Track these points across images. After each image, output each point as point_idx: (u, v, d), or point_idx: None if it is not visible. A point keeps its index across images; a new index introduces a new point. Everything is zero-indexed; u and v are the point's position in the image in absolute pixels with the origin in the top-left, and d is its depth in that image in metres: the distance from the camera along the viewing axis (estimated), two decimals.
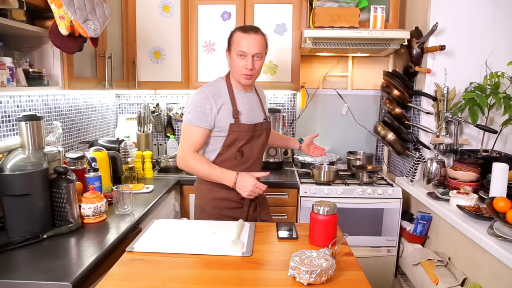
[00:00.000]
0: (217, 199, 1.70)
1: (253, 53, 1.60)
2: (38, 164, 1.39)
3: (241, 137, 1.66)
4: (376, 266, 2.34)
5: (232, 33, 1.67)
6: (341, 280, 1.08)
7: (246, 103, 1.70)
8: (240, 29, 1.64)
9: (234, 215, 1.69)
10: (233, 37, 1.65)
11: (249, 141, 1.69)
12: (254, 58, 1.61)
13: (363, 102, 2.83)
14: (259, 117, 1.74)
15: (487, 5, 2.12)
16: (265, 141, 1.78)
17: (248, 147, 1.70)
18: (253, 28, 1.64)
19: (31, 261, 1.20)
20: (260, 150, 1.76)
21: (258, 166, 1.79)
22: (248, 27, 1.64)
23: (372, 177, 2.37)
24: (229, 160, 1.68)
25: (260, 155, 1.78)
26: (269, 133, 1.81)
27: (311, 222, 1.33)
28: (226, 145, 1.66)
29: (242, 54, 1.60)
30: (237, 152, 1.67)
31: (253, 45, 1.60)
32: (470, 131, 2.21)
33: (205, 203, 1.73)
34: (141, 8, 2.44)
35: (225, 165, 1.67)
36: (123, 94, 2.95)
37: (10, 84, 1.45)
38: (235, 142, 1.66)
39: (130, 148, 2.30)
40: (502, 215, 1.49)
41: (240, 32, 1.62)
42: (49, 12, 1.49)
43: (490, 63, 2.12)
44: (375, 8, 2.32)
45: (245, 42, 1.59)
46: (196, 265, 1.16)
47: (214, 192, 1.70)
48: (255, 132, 1.70)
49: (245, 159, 1.71)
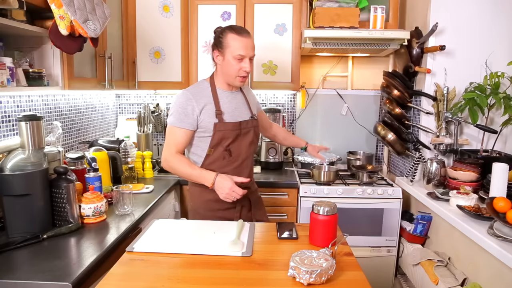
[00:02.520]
0: (209, 201, 1.69)
1: (251, 56, 1.63)
2: (38, 164, 1.39)
3: (226, 135, 1.66)
4: (376, 266, 2.34)
5: (224, 34, 1.63)
6: (341, 280, 1.08)
7: (229, 102, 1.70)
8: (233, 31, 1.61)
9: (228, 216, 1.69)
10: (227, 39, 1.61)
11: (236, 139, 1.69)
12: (250, 60, 1.64)
13: (363, 102, 2.83)
14: (244, 115, 1.74)
15: (487, 5, 2.12)
16: (253, 139, 1.76)
17: (235, 146, 1.70)
18: (245, 30, 1.65)
19: (31, 261, 1.19)
20: (249, 148, 1.75)
21: (249, 164, 1.78)
22: (240, 30, 1.63)
23: (372, 177, 2.37)
24: (217, 160, 1.68)
25: (250, 153, 1.76)
26: (257, 131, 1.80)
27: (311, 222, 1.33)
28: (212, 146, 1.66)
29: (241, 57, 1.61)
30: (224, 152, 1.67)
31: (251, 48, 1.63)
32: (470, 131, 2.21)
33: (199, 205, 1.74)
34: (141, 8, 2.44)
35: (215, 165, 1.67)
36: (123, 94, 2.95)
37: (10, 84, 1.45)
38: (221, 141, 1.66)
39: (130, 148, 2.30)
40: (502, 215, 1.49)
41: (235, 34, 1.61)
42: (49, 12, 1.49)
43: (490, 63, 2.12)
44: (375, 8, 2.32)
45: (243, 45, 1.60)
46: (196, 265, 1.16)
47: (205, 193, 1.69)
48: (241, 130, 1.70)
49: (234, 158, 1.70)
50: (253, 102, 1.86)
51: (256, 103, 1.92)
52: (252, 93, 1.92)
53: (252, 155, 1.79)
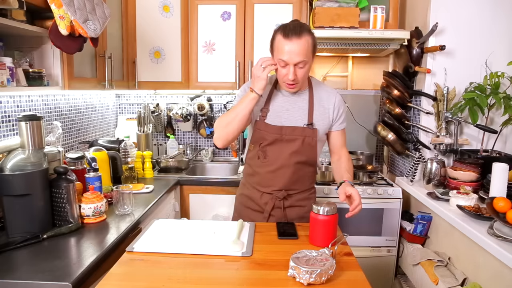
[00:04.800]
0: (242, 195, 1.71)
1: (295, 62, 1.43)
2: (38, 164, 1.39)
3: (264, 136, 1.57)
4: (376, 266, 2.34)
5: (274, 35, 1.48)
6: (341, 280, 1.08)
7: (283, 103, 1.58)
8: (281, 31, 1.44)
9: (254, 218, 1.64)
10: (275, 41, 1.47)
11: (274, 143, 1.57)
12: (297, 67, 1.44)
13: (363, 102, 2.83)
14: (297, 120, 1.57)
15: (487, 5, 2.12)
16: (299, 149, 1.56)
17: (273, 149, 1.57)
18: (296, 30, 1.42)
19: (31, 261, 1.19)
20: (291, 157, 1.56)
21: (287, 174, 1.58)
22: (290, 29, 1.42)
23: (372, 177, 2.37)
24: (254, 158, 1.63)
25: (291, 162, 1.57)
26: (310, 141, 1.57)
27: (311, 222, 1.33)
28: (253, 141, 1.62)
29: (284, 63, 1.44)
30: (259, 151, 1.59)
31: (296, 53, 1.41)
32: (470, 131, 2.21)
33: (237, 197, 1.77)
34: (141, 8, 2.44)
35: (252, 162, 1.64)
36: (123, 94, 2.95)
37: (10, 84, 1.45)
38: (258, 140, 1.59)
39: (130, 148, 2.30)
40: (502, 215, 1.49)
41: (281, 36, 1.43)
42: (49, 12, 1.49)
43: (490, 63, 2.12)
44: (375, 8, 2.32)
45: (287, 49, 1.41)
46: (196, 265, 1.16)
47: (244, 188, 1.72)
48: (282, 135, 1.55)
49: (269, 162, 1.58)
50: (324, 111, 1.60)
51: (336, 117, 1.62)
52: (332, 101, 1.61)
53: (293, 165, 1.57)
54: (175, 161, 2.51)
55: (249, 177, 1.69)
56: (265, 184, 1.62)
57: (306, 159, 1.59)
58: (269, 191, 1.61)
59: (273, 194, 1.60)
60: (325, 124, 1.61)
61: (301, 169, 1.60)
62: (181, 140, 2.98)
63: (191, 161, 2.66)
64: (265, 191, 1.62)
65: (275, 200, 1.61)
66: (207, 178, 2.44)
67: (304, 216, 1.62)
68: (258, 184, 1.64)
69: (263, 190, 1.62)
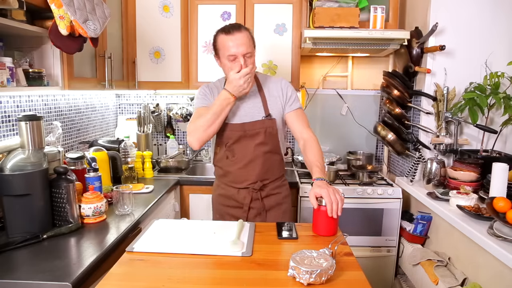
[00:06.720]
0: (220, 196, 1.75)
1: (243, 53, 1.52)
2: (38, 164, 1.39)
3: (228, 136, 1.64)
4: (376, 266, 2.34)
5: (215, 37, 1.58)
6: (341, 280, 1.08)
7: (238, 103, 1.63)
8: (222, 31, 1.55)
9: (235, 214, 1.71)
10: (218, 42, 1.57)
11: (239, 140, 1.64)
12: (245, 58, 1.53)
13: (363, 102, 2.83)
14: (254, 115, 1.64)
15: (487, 5, 2.12)
16: (264, 140, 1.63)
17: (239, 147, 1.64)
18: (235, 26, 1.54)
19: (31, 261, 1.19)
20: (257, 149, 1.63)
21: (257, 166, 1.65)
22: (229, 27, 1.54)
23: (372, 177, 2.37)
24: (222, 159, 1.69)
25: (258, 154, 1.64)
26: (272, 131, 1.64)
27: (314, 213, 1.38)
28: (218, 143, 1.68)
29: (234, 57, 1.53)
30: (227, 151, 1.66)
31: (241, 44, 1.51)
32: (470, 131, 2.21)
33: (214, 198, 1.81)
34: (141, 8, 2.44)
35: (221, 163, 1.70)
36: (123, 94, 2.95)
37: (10, 84, 1.45)
38: (224, 140, 1.66)
39: (130, 148, 2.30)
40: (502, 215, 1.49)
41: (223, 34, 1.54)
42: (49, 12, 1.49)
43: (490, 63, 2.12)
44: (375, 8, 2.32)
45: (232, 43, 1.51)
46: (196, 265, 1.16)
47: (219, 188, 1.76)
48: (245, 131, 1.62)
49: (238, 159, 1.66)
50: (275, 99, 1.67)
51: (285, 100, 1.68)
52: (279, 88, 1.69)
53: (263, 156, 1.65)
54: (175, 161, 2.51)
55: (221, 178, 1.75)
56: (239, 181, 1.68)
57: (271, 148, 1.67)
58: (244, 186, 1.68)
59: (249, 187, 1.68)
60: (280, 111, 1.68)
61: (269, 158, 1.68)
62: (181, 140, 2.98)
63: (191, 161, 2.66)
64: (241, 187, 1.69)
65: (252, 193, 1.68)
66: (207, 178, 2.43)
67: (282, 202, 1.74)
68: (233, 182, 1.70)
69: (239, 186, 1.69)
